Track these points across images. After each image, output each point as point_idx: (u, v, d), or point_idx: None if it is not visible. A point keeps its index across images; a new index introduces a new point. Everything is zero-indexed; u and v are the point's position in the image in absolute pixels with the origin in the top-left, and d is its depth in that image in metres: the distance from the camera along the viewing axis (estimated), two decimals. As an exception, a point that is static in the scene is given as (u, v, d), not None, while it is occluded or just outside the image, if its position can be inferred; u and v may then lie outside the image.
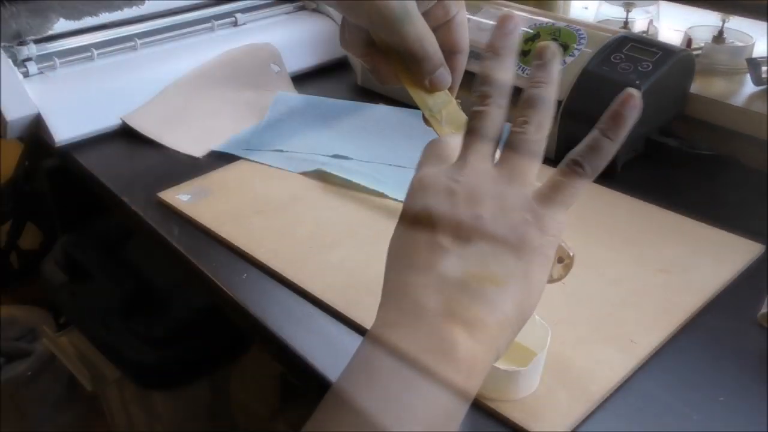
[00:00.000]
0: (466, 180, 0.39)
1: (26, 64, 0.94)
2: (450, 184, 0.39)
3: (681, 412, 0.53)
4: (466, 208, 0.38)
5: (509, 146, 0.41)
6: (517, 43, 0.43)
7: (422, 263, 0.38)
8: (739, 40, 0.98)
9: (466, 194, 0.39)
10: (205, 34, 1.09)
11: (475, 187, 0.39)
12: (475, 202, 0.39)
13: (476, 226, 0.38)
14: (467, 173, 0.40)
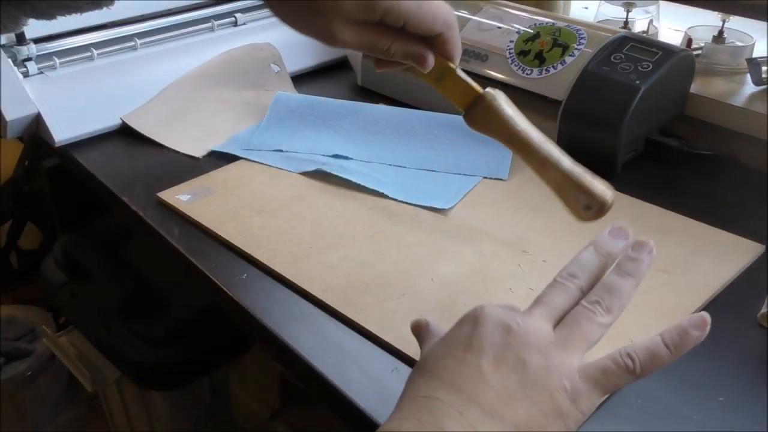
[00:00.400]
0: (525, 327, 0.41)
1: (26, 64, 0.94)
2: (510, 323, 0.41)
3: (681, 412, 0.53)
4: (515, 349, 0.40)
5: (572, 317, 0.42)
6: (620, 253, 0.47)
7: (456, 381, 0.39)
8: (739, 40, 0.98)
9: (520, 337, 0.40)
10: (205, 34, 1.09)
11: (530, 336, 0.41)
12: (526, 348, 0.40)
13: (518, 368, 0.39)
14: (528, 322, 0.41)
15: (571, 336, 0.42)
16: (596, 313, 0.42)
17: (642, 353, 0.41)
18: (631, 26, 1.05)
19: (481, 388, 0.38)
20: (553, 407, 0.39)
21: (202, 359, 1.07)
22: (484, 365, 0.39)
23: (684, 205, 0.77)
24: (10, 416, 1.52)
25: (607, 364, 0.41)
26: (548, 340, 0.41)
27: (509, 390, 0.39)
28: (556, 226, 0.73)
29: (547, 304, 0.44)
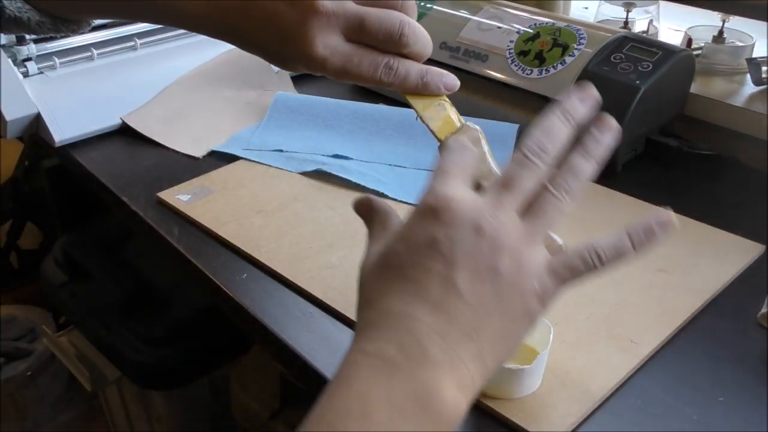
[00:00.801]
0: (496, 225, 0.39)
1: (26, 64, 0.94)
2: (480, 222, 0.39)
3: (681, 412, 0.53)
4: (488, 255, 0.39)
5: (542, 205, 0.41)
6: (586, 119, 0.44)
7: (433, 299, 0.38)
8: (739, 40, 0.98)
9: (492, 239, 0.39)
10: (205, 34, 1.09)
11: (501, 236, 0.39)
12: (498, 251, 0.39)
13: (492, 277, 0.38)
14: (498, 217, 0.40)
15: (538, 227, 0.41)
16: (563, 200, 0.41)
17: (608, 251, 0.41)
18: (631, 26, 1.05)
19: (459, 308, 0.38)
20: (524, 311, 0.39)
21: (202, 359, 1.07)
22: (459, 281, 0.38)
23: (684, 205, 0.77)
24: (10, 416, 1.52)
25: (575, 263, 0.40)
26: (518, 238, 0.40)
27: (485, 305, 0.38)
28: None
29: (517, 191, 0.41)
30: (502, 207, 0.40)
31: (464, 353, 0.37)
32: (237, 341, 1.08)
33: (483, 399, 0.54)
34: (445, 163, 0.43)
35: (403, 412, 0.35)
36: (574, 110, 0.44)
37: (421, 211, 0.40)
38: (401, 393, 0.35)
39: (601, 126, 0.43)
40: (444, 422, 0.36)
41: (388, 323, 0.38)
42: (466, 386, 0.37)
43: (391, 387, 0.36)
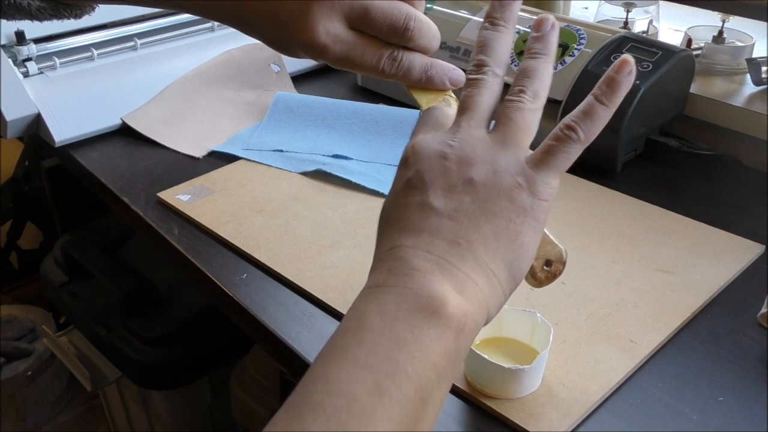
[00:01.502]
0: (459, 144, 0.40)
1: (26, 64, 0.94)
2: (442, 149, 0.40)
3: (681, 412, 0.53)
4: (458, 171, 0.39)
5: (503, 114, 0.41)
6: (516, 17, 0.43)
7: (413, 225, 0.38)
8: (739, 40, 0.98)
9: (459, 158, 0.39)
10: (205, 34, 1.09)
11: (467, 151, 0.39)
12: (468, 165, 0.39)
13: (468, 188, 0.39)
14: (460, 138, 0.40)
15: (507, 132, 0.40)
16: (523, 100, 0.40)
17: (579, 117, 0.40)
18: (631, 26, 1.05)
19: (440, 222, 0.38)
20: (515, 208, 0.38)
21: (202, 359, 1.07)
22: (433, 200, 0.38)
23: (684, 205, 0.77)
24: (10, 416, 1.52)
25: (550, 144, 0.40)
26: (487, 148, 0.40)
27: (466, 212, 0.38)
28: (556, 225, 0.73)
29: (471, 108, 0.41)
30: (461, 128, 0.41)
31: (453, 258, 0.37)
32: (237, 341, 1.08)
33: (483, 399, 0.54)
34: (416, 125, 0.44)
35: (395, 316, 0.35)
36: (498, 12, 0.43)
37: (399, 163, 0.42)
38: (392, 303, 0.36)
39: (539, 25, 0.42)
40: (444, 322, 0.35)
41: (380, 260, 0.39)
42: (470, 292, 0.37)
43: (382, 300, 0.36)
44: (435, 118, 0.43)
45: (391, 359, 0.34)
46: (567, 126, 0.40)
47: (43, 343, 1.46)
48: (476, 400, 0.54)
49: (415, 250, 0.37)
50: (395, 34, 0.46)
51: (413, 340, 0.34)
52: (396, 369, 0.33)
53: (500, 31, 0.42)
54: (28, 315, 1.60)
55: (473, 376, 0.55)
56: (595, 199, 0.79)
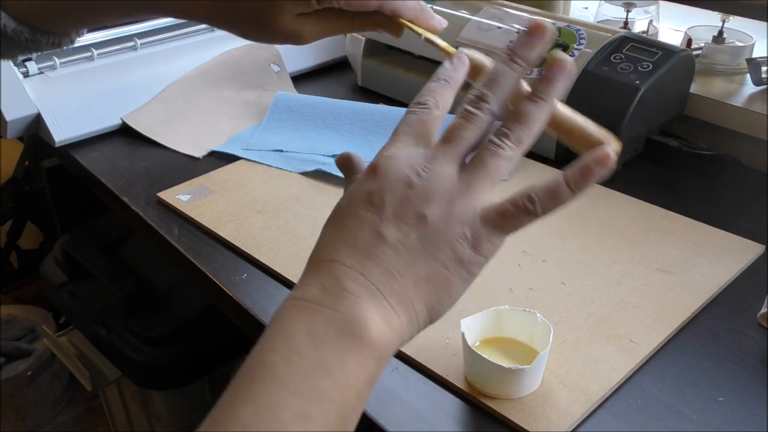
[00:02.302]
0: (428, 176, 0.40)
1: (26, 64, 0.94)
2: (411, 176, 0.40)
3: (681, 412, 0.53)
4: (416, 203, 0.39)
5: (479, 156, 0.41)
6: (538, 57, 0.42)
7: (357, 244, 0.39)
8: (739, 40, 0.98)
9: (422, 190, 0.40)
10: (205, 34, 1.09)
11: (432, 186, 0.40)
12: (427, 200, 0.40)
13: (418, 224, 0.39)
14: (431, 169, 0.40)
15: (475, 178, 0.40)
16: (504, 147, 0.40)
17: (542, 194, 0.39)
18: (631, 26, 1.05)
19: (380, 248, 0.39)
20: (454, 257, 0.39)
21: (202, 359, 1.07)
22: (384, 228, 0.39)
23: (684, 205, 0.77)
24: (10, 416, 1.52)
25: (507, 208, 0.40)
26: (451, 188, 0.40)
27: (409, 247, 0.39)
28: (556, 226, 0.73)
29: (455, 142, 0.41)
30: (436, 159, 0.41)
31: (385, 288, 0.38)
32: (237, 341, 1.08)
33: (483, 399, 0.54)
34: (398, 126, 0.44)
35: (323, 340, 0.36)
36: (521, 49, 0.42)
37: (366, 170, 0.42)
38: (322, 324, 0.37)
39: (552, 65, 0.41)
40: (369, 350, 0.37)
41: (317, 270, 0.39)
42: (392, 322, 0.38)
43: (312, 320, 0.37)
44: (418, 123, 0.43)
45: (318, 386, 0.35)
46: (529, 198, 0.39)
47: (43, 343, 1.46)
48: (476, 400, 0.54)
49: (352, 271, 0.38)
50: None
51: (339, 367, 0.36)
52: (322, 395, 0.35)
53: (515, 71, 0.42)
54: (28, 315, 1.60)
55: (473, 376, 0.55)
56: (595, 199, 0.79)
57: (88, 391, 1.14)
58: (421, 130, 0.42)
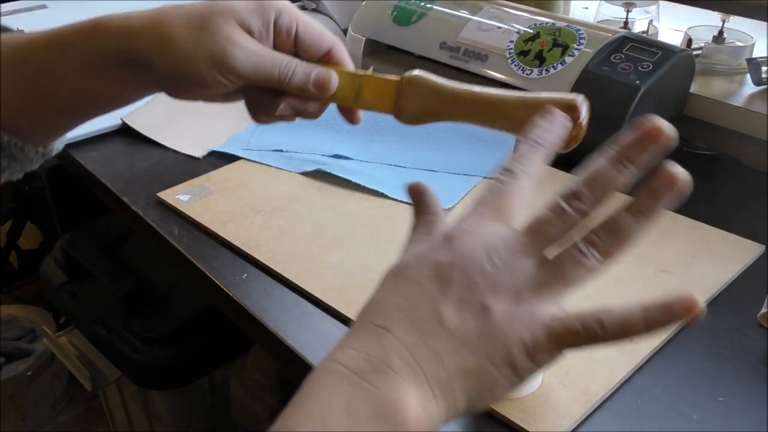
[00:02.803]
0: (501, 267, 0.38)
1: (26, 64, 0.94)
2: (484, 262, 0.38)
3: (681, 412, 0.53)
4: (482, 291, 0.38)
5: (561, 260, 0.38)
6: (650, 163, 0.40)
7: (415, 319, 0.38)
8: (739, 40, 0.98)
9: (492, 281, 0.38)
10: (205, 34, 1.09)
11: (503, 280, 0.38)
12: (494, 291, 0.38)
13: (480, 315, 0.37)
14: (506, 261, 0.38)
15: (550, 283, 0.38)
16: (589, 258, 0.38)
17: (615, 323, 0.37)
18: (631, 26, 1.05)
19: (435, 328, 0.37)
20: (507, 359, 0.37)
21: (202, 359, 1.07)
22: (445, 304, 0.37)
23: (684, 205, 0.77)
24: (10, 416, 1.52)
25: (575, 327, 0.38)
26: (523, 286, 0.38)
27: (464, 336, 0.37)
28: (556, 226, 0.73)
29: (539, 236, 0.39)
30: (514, 250, 0.38)
31: (430, 373, 0.37)
32: (237, 341, 1.08)
33: (483, 399, 0.54)
34: (480, 194, 0.41)
35: (359, 420, 0.35)
36: (634, 153, 0.39)
37: (442, 235, 0.40)
38: (360, 401, 0.35)
39: (663, 178, 0.39)
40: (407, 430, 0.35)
41: (365, 335, 0.38)
42: (430, 408, 0.36)
43: (351, 395, 0.36)
44: (501, 196, 0.41)
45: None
46: (600, 323, 0.37)
47: (43, 343, 1.46)
48: (476, 400, 0.54)
49: (401, 346, 0.37)
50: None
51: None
52: None
53: (620, 173, 0.39)
54: (28, 315, 1.60)
55: (473, 376, 0.55)
56: (595, 199, 0.79)
57: (88, 391, 1.14)
58: (504, 204, 0.40)
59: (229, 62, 0.48)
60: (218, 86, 0.50)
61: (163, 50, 0.49)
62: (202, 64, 0.48)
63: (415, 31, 0.99)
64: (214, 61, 0.48)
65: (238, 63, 0.49)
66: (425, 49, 0.99)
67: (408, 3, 1.02)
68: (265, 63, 0.50)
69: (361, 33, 1.06)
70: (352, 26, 1.07)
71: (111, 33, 0.50)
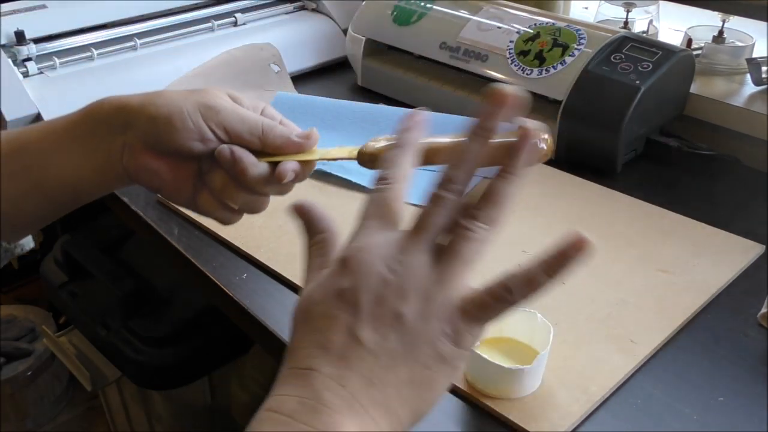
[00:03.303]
0: (402, 271, 0.39)
1: (26, 64, 0.94)
2: (385, 273, 0.39)
3: (681, 412, 0.53)
4: (393, 302, 0.38)
5: (452, 244, 0.39)
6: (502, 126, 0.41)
7: (334, 349, 0.37)
8: (739, 40, 0.98)
9: (397, 287, 0.38)
10: (205, 34, 1.09)
11: (407, 282, 0.38)
12: (403, 297, 0.38)
13: (396, 324, 0.38)
14: (405, 263, 0.39)
15: (449, 266, 0.39)
16: (475, 230, 0.39)
17: (521, 284, 0.38)
18: (631, 26, 1.05)
19: (358, 353, 0.37)
20: (436, 355, 0.38)
21: (202, 359, 1.07)
22: (360, 329, 0.37)
23: (684, 205, 0.77)
24: (10, 416, 1.52)
25: (485, 300, 0.39)
26: (426, 281, 0.38)
27: (389, 351, 0.37)
28: (556, 225, 0.73)
29: (426, 229, 0.40)
30: (408, 251, 0.39)
31: (365, 399, 0.37)
32: (237, 341, 1.08)
33: (483, 399, 0.54)
34: (363, 208, 0.43)
35: None
36: (486, 121, 0.41)
37: (337, 260, 0.41)
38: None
39: (518, 134, 0.40)
40: None
41: (293, 380, 0.38)
42: (369, 429, 0.36)
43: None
44: (383, 204, 0.42)
45: None
46: (506, 288, 0.38)
47: (43, 343, 1.46)
48: (476, 400, 0.54)
49: (330, 380, 0.37)
50: None
51: None
52: None
53: (481, 144, 0.41)
54: (28, 315, 1.60)
55: (473, 376, 0.55)
56: (595, 199, 0.79)
57: (88, 391, 1.14)
58: (387, 211, 0.42)
59: (217, 107, 0.51)
60: (199, 137, 0.51)
61: (153, 99, 0.52)
62: (190, 107, 0.51)
63: (415, 31, 1.00)
64: (201, 106, 0.51)
65: (224, 111, 0.52)
66: (425, 49, 0.99)
67: (408, 3, 1.02)
68: (249, 115, 0.53)
69: (361, 33, 1.06)
70: (352, 26, 1.07)
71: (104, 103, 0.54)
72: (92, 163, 0.52)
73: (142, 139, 0.51)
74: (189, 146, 0.51)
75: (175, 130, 0.51)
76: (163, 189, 0.53)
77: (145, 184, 0.53)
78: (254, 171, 0.52)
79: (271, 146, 0.53)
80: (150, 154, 0.52)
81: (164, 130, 0.51)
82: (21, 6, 1.00)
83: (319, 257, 0.44)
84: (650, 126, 0.87)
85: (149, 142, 0.51)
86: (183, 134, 0.51)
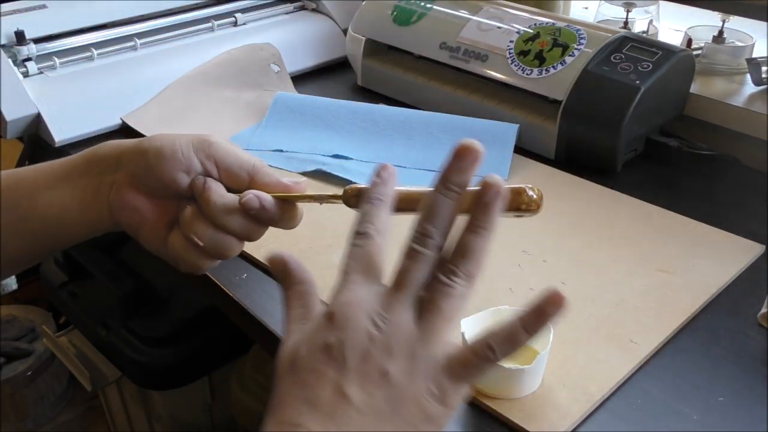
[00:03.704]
0: (387, 328, 0.39)
1: (26, 64, 0.94)
2: (371, 328, 0.39)
3: (681, 412, 0.53)
4: (378, 359, 0.38)
5: (432, 300, 0.40)
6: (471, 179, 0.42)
7: (321, 406, 0.37)
8: (739, 40, 0.98)
9: (383, 344, 0.39)
10: (205, 34, 1.09)
11: (392, 339, 0.39)
12: (388, 355, 0.38)
13: (382, 382, 0.38)
14: (390, 320, 0.39)
15: (432, 324, 0.39)
16: (454, 286, 0.39)
17: (501, 342, 0.39)
18: (631, 26, 1.05)
19: (349, 414, 0.37)
20: (422, 415, 0.38)
21: (202, 359, 1.07)
22: (348, 387, 0.38)
23: (684, 205, 0.77)
24: (10, 416, 1.52)
25: (469, 359, 0.39)
26: (411, 338, 0.39)
27: (375, 409, 0.37)
28: (556, 226, 0.73)
29: (407, 285, 0.40)
30: (392, 307, 0.40)
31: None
32: (237, 341, 1.08)
33: (483, 399, 0.54)
34: (345, 263, 0.43)
35: None
36: (455, 177, 0.41)
37: (323, 314, 0.41)
38: None
39: (486, 190, 0.41)
40: None
41: (276, 425, 0.38)
42: None
43: None
44: (364, 258, 0.43)
45: None
46: (488, 347, 0.39)
47: (43, 343, 1.46)
48: (476, 400, 0.54)
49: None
50: None
51: None
52: None
53: (452, 199, 0.41)
54: (28, 315, 1.60)
55: (473, 376, 0.55)
56: (595, 199, 0.79)
57: (88, 391, 1.14)
58: (369, 264, 0.42)
59: (210, 141, 0.52)
60: (185, 168, 0.51)
61: (150, 137, 0.52)
62: (183, 141, 0.51)
63: (415, 31, 1.00)
64: (194, 139, 0.52)
65: (217, 145, 0.52)
66: (425, 49, 0.99)
67: (408, 3, 1.02)
68: (243, 153, 0.53)
69: (361, 33, 1.06)
70: (352, 26, 1.08)
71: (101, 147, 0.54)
72: (79, 201, 0.53)
73: (131, 172, 0.52)
74: (174, 177, 0.51)
75: (164, 159, 0.51)
76: (141, 229, 0.55)
77: (125, 222, 0.55)
78: (219, 200, 0.52)
79: (260, 183, 0.54)
80: (135, 191, 0.53)
81: (153, 160, 0.51)
82: (21, 6, 1.00)
83: (300, 308, 0.44)
84: (650, 126, 0.87)
85: (138, 175, 0.52)
86: (171, 163, 0.51)
